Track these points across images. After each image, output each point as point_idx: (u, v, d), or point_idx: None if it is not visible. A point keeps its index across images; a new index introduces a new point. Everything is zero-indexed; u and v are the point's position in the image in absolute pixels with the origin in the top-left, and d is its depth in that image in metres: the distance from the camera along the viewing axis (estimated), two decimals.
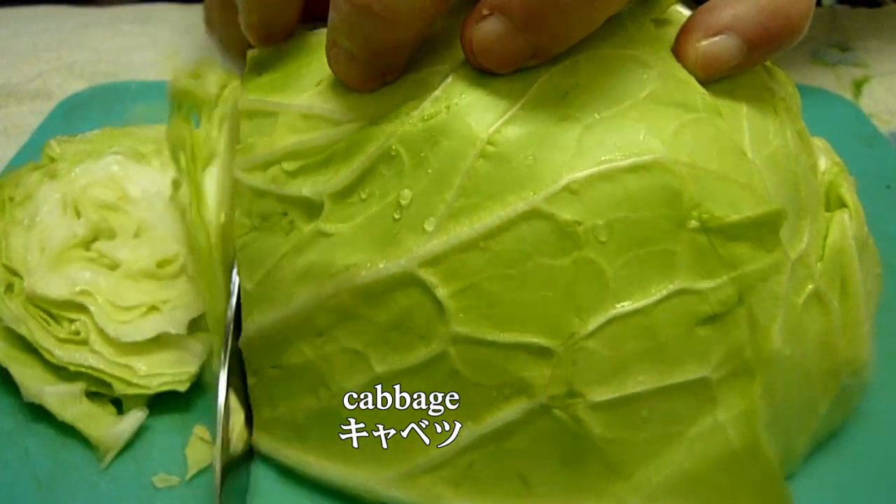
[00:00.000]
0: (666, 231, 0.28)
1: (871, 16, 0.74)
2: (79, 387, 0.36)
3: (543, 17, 0.27)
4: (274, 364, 0.33)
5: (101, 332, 0.37)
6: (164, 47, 0.67)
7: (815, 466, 0.35)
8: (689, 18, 0.32)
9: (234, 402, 0.33)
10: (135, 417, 0.36)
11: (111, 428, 0.35)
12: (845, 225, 0.34)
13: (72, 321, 0.37)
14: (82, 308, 0.38)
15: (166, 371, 0.37)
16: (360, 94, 0.31)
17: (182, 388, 0.36)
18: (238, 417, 0.34)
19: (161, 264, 0.40)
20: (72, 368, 0.36)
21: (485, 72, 0.30)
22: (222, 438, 0.32)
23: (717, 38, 0.31)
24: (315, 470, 0.33)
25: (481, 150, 0.29)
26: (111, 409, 0.36)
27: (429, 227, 0.29)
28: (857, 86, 0.66)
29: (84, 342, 0.37)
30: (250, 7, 0.34)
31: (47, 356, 0.36)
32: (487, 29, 0.28)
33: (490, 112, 0.29)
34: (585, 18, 0.28)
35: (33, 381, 0.36)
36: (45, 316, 0.37)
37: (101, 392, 0.36)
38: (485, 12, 0.28)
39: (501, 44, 0.28)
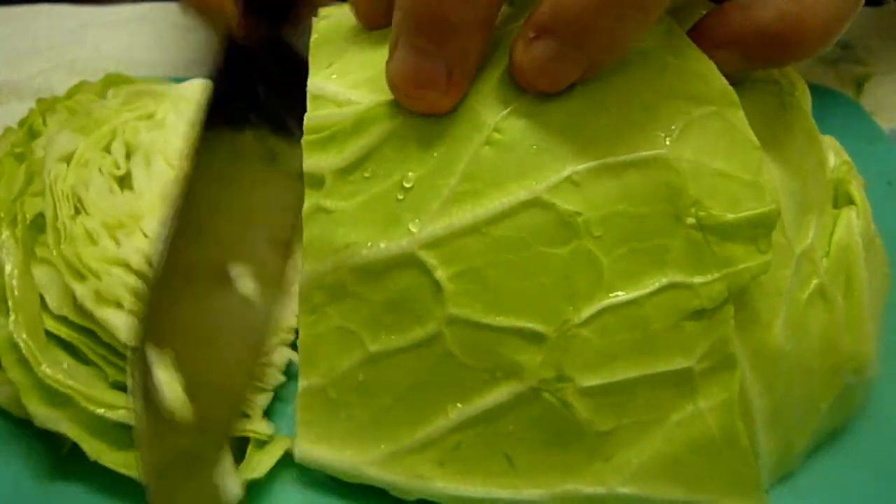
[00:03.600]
0: (663, 226, 0.29)
1: (872, 14, 0.74)
2: None
3: (592, 32, 0.26)
4: None
5: None
6: (164, 45, 0.67)
7: (816, 465, 0.35)
8: (701, 20, 0.32)
9: (165, 374, 0.31)
10: None
11: None
12: (852, 222, 0.35)
13: None
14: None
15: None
16: (368, 76, 0.31)
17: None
18: (173, 385, 0.31)
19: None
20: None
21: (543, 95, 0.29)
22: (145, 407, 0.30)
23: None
24: (300, 451, 0.33)
25: (487, 137, 0.29)
26: None
27: (431, 211, 0.29)
28: (859, 83, 0.65)
29: None
30: None
31: None
32: (538, 52, 0.27)
33: (498, 100, 0.29)
34: (636, 25, 0.27)
35: None
36: None
37: None
38: (532, 35, 0.27)
39: (554, 65, 0.27)
